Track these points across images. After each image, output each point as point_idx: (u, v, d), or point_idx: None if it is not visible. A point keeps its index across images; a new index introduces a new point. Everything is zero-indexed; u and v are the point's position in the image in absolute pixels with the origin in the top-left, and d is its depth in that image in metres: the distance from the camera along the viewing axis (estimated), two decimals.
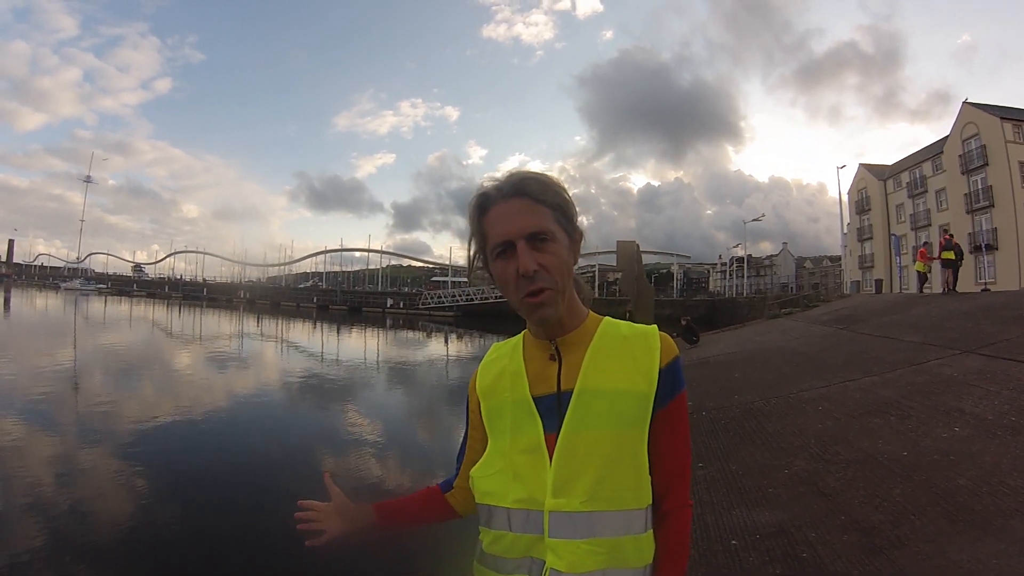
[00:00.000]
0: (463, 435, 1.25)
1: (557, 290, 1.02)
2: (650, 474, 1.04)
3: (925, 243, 22.29)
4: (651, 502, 1.03)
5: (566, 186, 1.07)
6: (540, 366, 1.09)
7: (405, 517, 1.28)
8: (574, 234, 1.08)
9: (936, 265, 19.01)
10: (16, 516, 5.51)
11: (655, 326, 1.12)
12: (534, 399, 1.06)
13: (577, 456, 1.00)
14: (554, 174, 1.07)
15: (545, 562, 0.99)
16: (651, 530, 1.03)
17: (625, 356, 1.05)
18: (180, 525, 5.54)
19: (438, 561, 5.13)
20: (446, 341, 32.37)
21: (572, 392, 1.03)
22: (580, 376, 1.04)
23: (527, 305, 1.02)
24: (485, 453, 1.12)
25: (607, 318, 1.14)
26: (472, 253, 1.10)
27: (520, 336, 1.17)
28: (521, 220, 1.00)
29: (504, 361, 1.15)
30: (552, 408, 1.04)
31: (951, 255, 17.53)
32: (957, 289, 17.42)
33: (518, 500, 1.02)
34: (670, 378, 1.06)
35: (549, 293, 1.01)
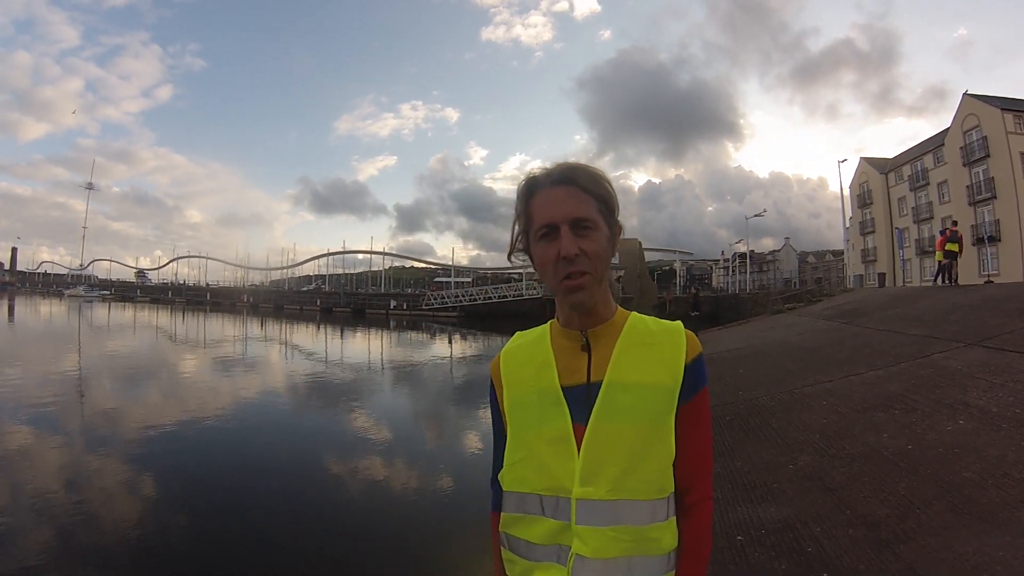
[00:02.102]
0: (494, 433, 1.24)
1: (595, 276, 1.05)
2: (674, 466, 1.06)
3: (942, 232, 22.20)
4: (673, 491, 1.06)
5: (611, 181, 1.10)
6: (570, 357, 1.11)
7: None
8: (614, 227, 1.11)
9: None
10: (25, 520, 5.54)
11: (680, 322, 1.14)
12: (563, 389, 1.08)
13: (605, 447, 1.02)
14: (602, 169, 1.10)
15: (571, 548, 1.01)
16: (673, 518, 1.05)
17: (652, 351, 1.08)
18: (188, 528, 5.56)
19: (441, 561, 5.15)
20: (450, 342, 32.37)
21: (601, 384, 1.05)
22: (609, 368, 1.06)
23: (564, 288, 1.05)
24: (508, 443, 1.14)
25: (634, 313, 1.16)
26: (515, 233, 1.13)
27: (546, 326, 1.18)
28: (567, 206, 1.04)
29: (530, 350, 1.16)
30: (581, 399, 1.06)
31: (955, 247, 17.47)
32: (960, 282, 17.38)
33: (547, 488, 1.04)
34: (694, 373, 1.08)
35: (587, 278, 1.04)
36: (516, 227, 1.12)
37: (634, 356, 1.07)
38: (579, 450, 1.03)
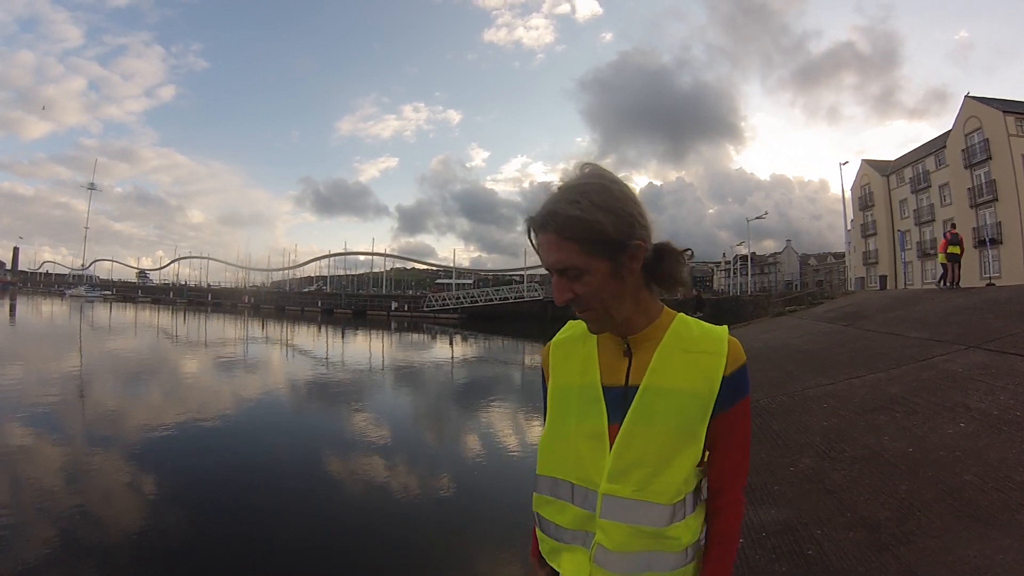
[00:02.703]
0: (544, 419, 1.25)
1: (596, 311, 1.08)
2: (703, 470, 1.11)
3: (945, 235, 22.16)
4: (692, 490, 1.08)
5: (606, 202, 1.03)
6: (612, 358, 1.15)
7: None
8: (620, 255, 1.05)
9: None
10: (27, 519, 5.54)
11: (725, 328, 1.14)
12: (603, 388, 1.13)
13: (635, 448, 1.06)
14: (592, 190, 1.04)
15: (595, 536, 1.08)
16: (691, 515, 1.08)
17: (691, 359, 1.09)
18: (190, 527, 5.56)
19: (444, 560, 5.15)
20: (451, 343, 32.38)
21: (638, 388, 1.09)
22: (647, 374, 1.09)
23: (581, 317, 1.12)
24: (547, 428, 1.19)
25: (680, 315, 1.17)
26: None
27: None
28: (550, 257, 1.05)
29: (577, 344, 1.21)
30: (618, 400, 1.10)
31: (956, 250, 17.46)
32: (961, 284, 17.36)
33: (579, 478, 1.10)
34: (733, 385, 1.09)
35: (589, 314, 1.09)
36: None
37: (673, 362, 1.09)
38: (611, 447, 1.08)
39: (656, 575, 1.06)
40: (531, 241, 1.10)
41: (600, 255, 1.04)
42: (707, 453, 1.11)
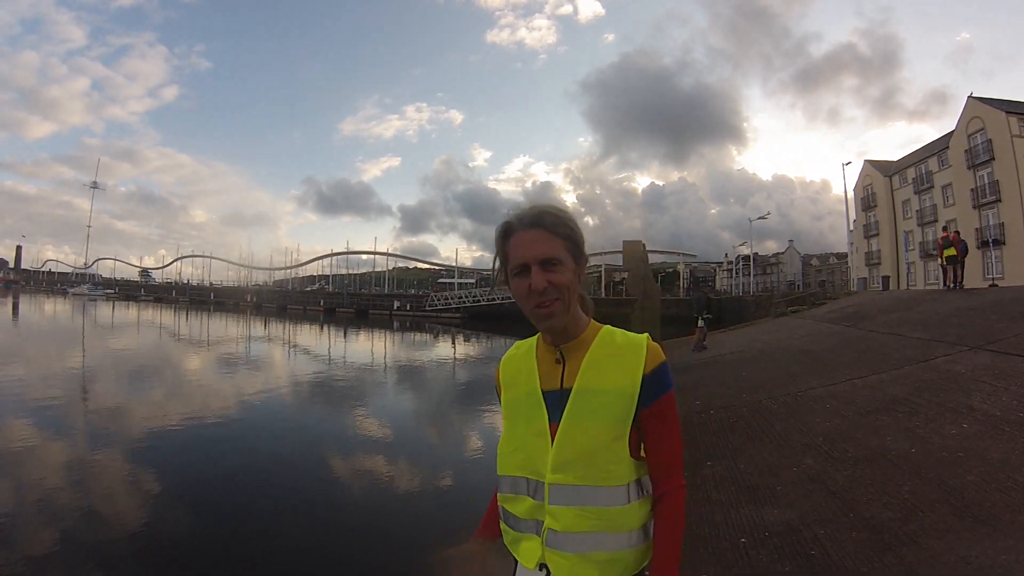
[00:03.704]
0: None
1: (563, 303, 1.23)
2: (640, 458, 1.26)
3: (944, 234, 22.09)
4: (633, 479, 1.23)
5: (575, 219, 1.29)
6: (549, 367, 1.31)
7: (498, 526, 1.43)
8: (581, 260, 1.29)
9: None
10: (30, 517, 5.57)
11: (646, 335, 1.31)
12: (543, 393, 1.29)
13: (573, 442, 1.22)
14: (567, 208, 1.29)
15: (544, 523, 1.23)
16: (636, 502, 1.23)
17: (616, 362, 1.26)
18: (193, 526, 5.58)
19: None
20: (453, 343, 32.40)
21: (572, 390, 1.25)
22: (579, 377, 1.26)
23: (537, 315, 1.24)
24: (503, 433, 1.36)
25: (606, 327, 1.34)
26: (496, 267, 1.32)
27: (535, 338, 1.38)
28: (536, 248, 1.22)
29: (521, 359, 1.38)
30: (556, 401, 1.26)
31: (952, 252, 17.45)
32: (964, 285, 17.34)
33: (531, 472, 1.26)
34: (654, 382, 1.24)
35: (557, 304, 1.23)
36: (496, 263, 1.32)
37: (600, 366, 1.26)
38: (552, 443, 1.24)
39: (603, 553, 1.20)
40: (501, 240, 1.28)
41: (572, 255, 1.26)
42: (642, 446, 1.27)
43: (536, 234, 1.23)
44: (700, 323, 14.95)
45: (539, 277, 1.20)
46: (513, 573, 1.33)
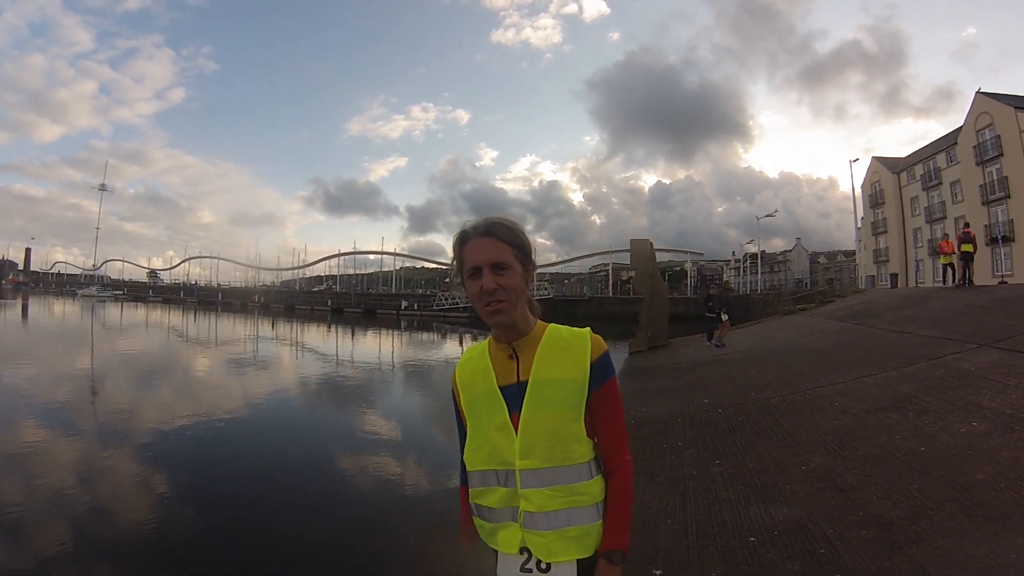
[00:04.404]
0: (458, 428, 1.57)
1: (511, 303, 1.36)
2: (593, 438, 1.41)
3: (944, 235, 21.99)
4: (592, 457, 1.38)
5: (524, 229, 1.45)
6: (503, 364, 1.44)
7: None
8: (528, 266, 1.44)
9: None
10: (40, 515, 5.62)
11: (588, 329, 1.45)
12: (500, 389, 1.41)
13: (535, 428, 1.35)
14: (516, 220, 1.45)
15: (519, 507, 1.35)
16: (596, 477, 1.38)
17: (565, 353, 1.40)
18: (201, 525, 5.62)
19: (448, 553, 5.18)
20: (460, 342, 32.44)
21: (528, 382, 1.38)
22: (533, 370, 1.39)
23: (487, 313, 1.37)
24: (468, 433, 1.47)
25: (552, 325, 1.48)
26: (454, 272, 1.48)
27: (486, 342, 1.52)
28: (488, 253, 1.37)
29: (476, 361, 1.49)
30: (514, 394, 1.39)
31: (970, 248, 17.33)
32: (974, 282, 17.24)
33: (498, 464, 1.38)
34: (600, 368, 1.40)
35: (504, 304, 1.35)
36: (454, 266, 1.46)
37: (551, 359, 1.39)
38: (517, 432, 1.36)
39: (576, 528, 1.34)
40: (458, 247, 1.43)
41: (520, 261, 1.40)
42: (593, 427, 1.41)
43: (488, 242, 1.38)
44: (724, 318, 14.85)
45: (490, 279, 1.34)
46: (495, 565, 1.44)
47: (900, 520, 3.29)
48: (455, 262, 1.46)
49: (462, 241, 1.43)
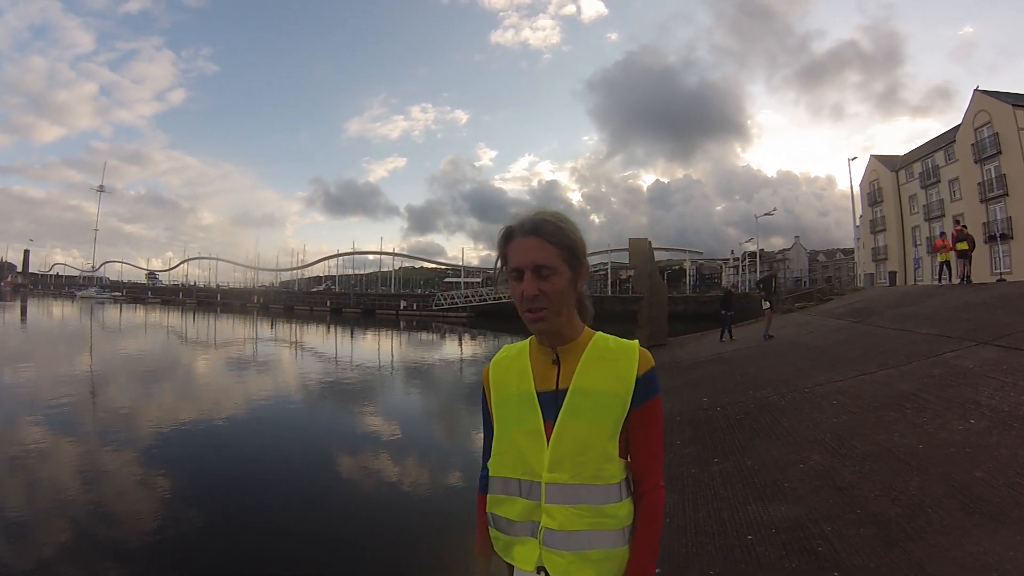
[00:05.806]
0: (484, 429, 1.48)
1: (552, 311, 1.27)
2: (627, 459, 1.30)
3: (941, 234, 21.99)
4: (624, 478, 1.28)
5: (577, 228, 1.34)
6: (543, 368, 1.35)
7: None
8: (579, 269, 1.33)
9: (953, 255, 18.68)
10: (43, 517, 5.62)
11: (636, 341, 1.35)
12: (537, 394, 1.32)
13: (568, 440, 1.26)
14: (568, 217, 1.34)
15: (541, 523, 1.26)
16: (625, 499, 1.27)
17: (610, 365, 1.30)
18: (203, 525, 5.62)
19: (448, 552, 5.18)
20: (460, 342, 32.44)
21: (567, 391, 1.29)
22: (574, 378, 1.29)
23: (527, 318, 1.29)
24: (495, 435, 1.38)
25: (600, 333, 1.39)
26: (498, 267, 1.37)
27: (527, 341, 1.42)
28: (532, 255, 1.26)
29: (513, 361, 1.41)
30: (551, 402, 1.30)
31: (965, 245, 17.34)
32: (972, 279, 17.24)
33: (523, 473, 1.29)
34: (645, 385, 1.29)
35: (545, 312, 1.27)
36: (498, 263, 1.37)
37: (595, 369, 1.30)
38: (548, 443, 1.27)
39: (598, 551, 1.23)
40: (503, 244, 1.33)
41: (568, 264, 1.29)
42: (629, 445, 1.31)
43: (533, 242, 1.27)
44: (766, 305, 14.86)
45: (531, 284, 1.25)
46: None
47: (898, 518, 3.29)
48: (498, 259, 1.37)
49: (507, 237, 1.32)
